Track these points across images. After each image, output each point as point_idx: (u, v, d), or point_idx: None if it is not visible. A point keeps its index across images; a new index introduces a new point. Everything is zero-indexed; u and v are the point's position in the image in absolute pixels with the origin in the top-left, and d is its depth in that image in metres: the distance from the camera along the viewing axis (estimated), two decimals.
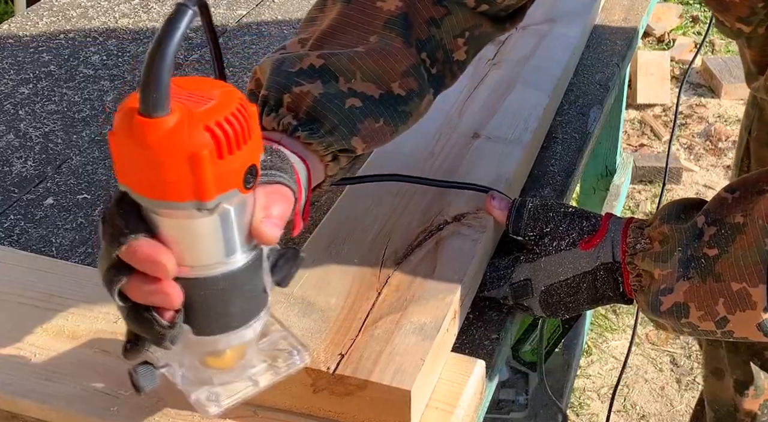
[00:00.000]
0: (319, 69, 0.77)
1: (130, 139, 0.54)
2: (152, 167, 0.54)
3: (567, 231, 0.85)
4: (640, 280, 0.82)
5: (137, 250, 0.58)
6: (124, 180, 0.57)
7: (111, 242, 0.59)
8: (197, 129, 0.54)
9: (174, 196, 0.56)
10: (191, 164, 0.54)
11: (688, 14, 3.74)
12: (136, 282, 0.59)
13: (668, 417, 2.13)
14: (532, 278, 0.86)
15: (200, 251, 0.59)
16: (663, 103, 3.19)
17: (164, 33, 0.54)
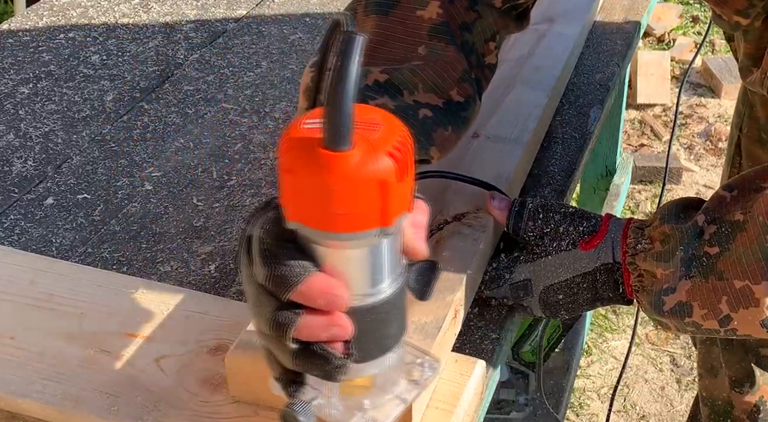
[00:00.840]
0: (384, 84, 0.77)
1: (317, 176, 0.53)
2: (342, 200, 0.54)
3: (567, 232, 0.85)
4: (642, 280, 0.82)
5: (313, 287, 0.57)
6: (299, 217, 0.56)
7: (280, 285, 0.57)
8: (382, 156, 0.54)
9: (362, 226, 0.56)
10: (380, 191, 0.54)
11: (688, 14, 3.74)
12: (308, 320, 0.58)
13: (668, 417, 2.13)
14: (532, 278, 0.86)
15: (369, 277, 0.59)
16: (663, 103, 3.20)
17: (342, 66, 0.53)
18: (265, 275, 0.58)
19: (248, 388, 0.74)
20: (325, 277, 0.58)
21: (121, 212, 1.06)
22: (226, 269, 0.97)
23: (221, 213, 1.06)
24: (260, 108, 1.27)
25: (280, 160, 0.55)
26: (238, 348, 0.73)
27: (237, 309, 0.85)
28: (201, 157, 1.16)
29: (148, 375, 0.78)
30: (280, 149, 0.56)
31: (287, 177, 0.55)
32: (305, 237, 0.57)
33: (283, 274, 0.57)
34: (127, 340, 0.81)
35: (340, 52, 0.53)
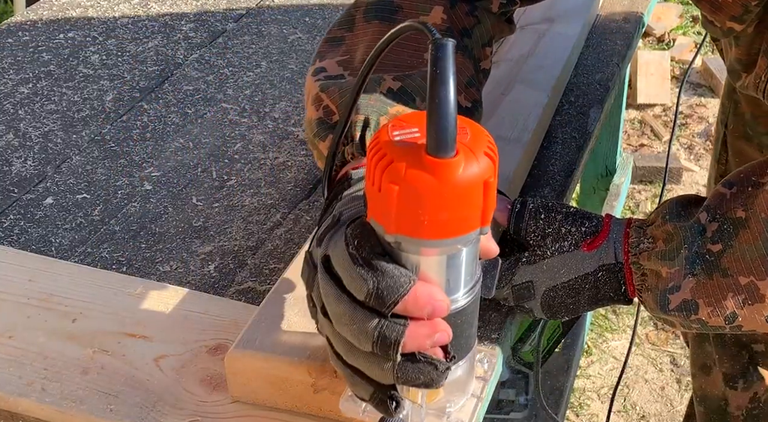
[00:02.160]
0: (398, 91, 0.77)
1: (428, 185, 0.53)
2: (454, 205, 0.54)
3: (569, 233, 0.84)
4: (645, 280, 0.81)
5: (419, 298, 0.57)
6: (402, 229, 0.55)
7: (386, 297, 0.56)
8: (482, 157, 0.55)
9: (467, 229, 0.56)
10: (484, 193, 0.55)
11: (688, 14, 3.74)
12: (414, 330, 0.57)
13: (668, 417, 2.13)
14: (534, 281, 0.85)
15: (463, 280, 0.60)
16: (663, 103, 3.20)
17: (441, 74, 0.53)
18: (367, 289, 0.56)
19: (248, 388, 0.74)
20: (425, 285, 0.57)
21: (120, 212, 1.06)
22: (225, 269, 0.97)
23: (221, 213, 1.06)
24: (260, 108, 1.27)
25: (378, 176, 0.55)
26: (237, 347, 0.73)
27: (236, 309, 0.85)
28: (200, 157, 1.16)
29: (147, 374, 0.78)
30: (375, 165, 0.55)
31: (391, 190, 0.54)
32: (403, 248, 0.57)
33: (388, 285, 0.56)
34: (126, 340, 0.82)
35: (436, 60, 0.53)
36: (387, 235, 0.56)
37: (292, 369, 0.71)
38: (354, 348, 0.59)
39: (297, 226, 1.03)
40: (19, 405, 0.77)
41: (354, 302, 0.58)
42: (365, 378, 0.60)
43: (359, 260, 0.57)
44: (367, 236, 0.58)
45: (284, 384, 0.72)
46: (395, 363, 0.58)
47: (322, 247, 0.61)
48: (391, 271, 0.57)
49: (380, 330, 0.57)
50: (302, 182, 1.11)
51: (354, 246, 0.58)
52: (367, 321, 0.57)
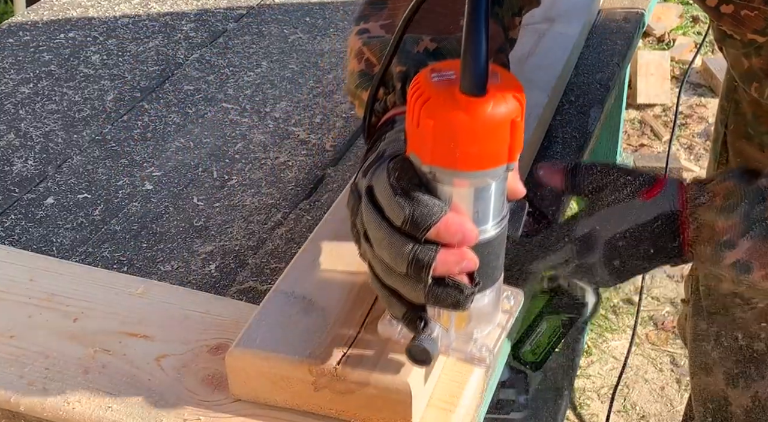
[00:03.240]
0: (433, 52, 0.81)
1: (461, 120, 0.59)
2: (483, 140, 0.60)
3: (626, 182, 0.85)
4: (700, 232, 0.82)
5: (450, 226, 0.63)
6: (436, 160, 0.62)
7: (420, 224, 0.62)
8: (510, 98, 0.61)
9: (495, 163, 0.62)
10: (510, 130, 0.61)
11: (688, 14, 3.74)
12: (444, 255, 0.63)
13: (668, 417, 2.13)
14: (594, 232, 0.85)
15: (491, 213, 0.66)
16: (663, 103, 3.20)
17: (475, 19, 0.58)
18: (404, 216, 0.63)
19: (248, 387, 0.74)
20: (455, 215, 0.63)
21: (121, 212, 1.06)
22: (226, 269, 0.97)
23: (222, 213, 1.06)
24: (260, 108, 1.27)
25: (417, 112, 0.61)
26: (238, 346, 0.73)
27: (237, 308, 0.85)
28: (201, 157, 1.16)
29: (149, 374, 0.78)
30: (414, 102, 0.61)
31: (428, 125, 0.60)
32: (438, 179, 0.63)
33: (423, 213, 0.62)
34: (127, 339, 0.82)
35: (473, 8, 0.58)
36: (423, 166, 0.63)
37: (293, 367, 0.71)
38: (391, 270, 0.65)
39: (298, 226, 1.03)
40: (20, 404, 0.77)
41: (392, 228, 0.64)
42: (400, 299, 0.66)
43: (398, 190, 0.63)
44: (407, 169, 0.64)
45: (285, 382, 0.72)
46: (426, 285, 0.64)
47: (367, 179, 0.68)
48: (426, 201, 0.63)
49: (414, 254, 0.63)
50: (303, 182, 1.12)
51: (394, 178, 0.64)
52: (403, 245, 0.63)
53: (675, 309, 2.37)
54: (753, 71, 1.09)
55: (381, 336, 0.71)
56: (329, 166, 1.14)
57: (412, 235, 0.63)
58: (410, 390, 0.69)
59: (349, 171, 1.12)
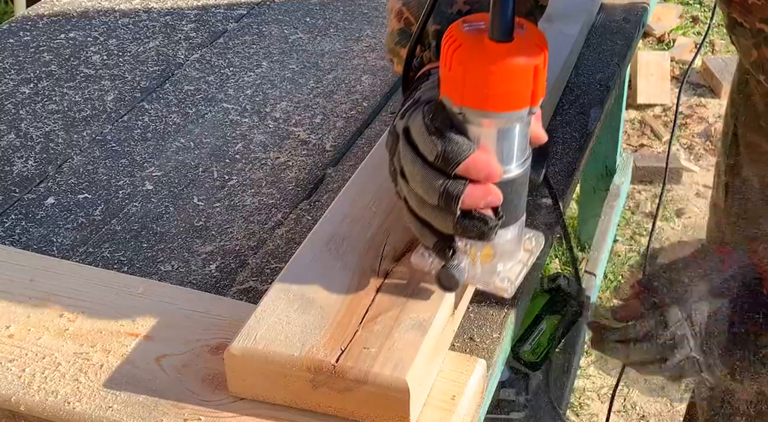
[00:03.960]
0: (465, 13, 0.84)
1: (488, 64, 0.66)
2: (508, 83, 0.67)
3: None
4: None
5: (477, 163, 0.70)
6: (466, 102, 0.69)
7: (450, 160, 0.69)
8: (534, 46, 0.67)
9: (519, 105, 0.68)
10: (534, 76, 0.67)
11: (688, 14, 3.74)
12: (471, 190, 0.70)
13: (668, 417, 2.13)
14: None
15: (515, 153, 0.72)
16: (663, 103, 3.20)
17: None
18: (436, 152, 0.70)
19: (247, 384, 0.74)
20: (483, 154, 0.70)
21: (121, 212, 1.06)
22: (227, 269, 0.97)
23: (222, 213, 1.06)
24: (261, 108, 1.27)
25: (449, 57, 0.67)
26: (237, 344, 0.73)
27: (238, 308, 0.85)
28: (202, 157, 1.16)
29: (149, 374, 0.78)
30: (447, 49, 0.68)
31: (460, 68, 0.67)
32: (467, 119, 0.70)
33: (453, 150, 0.69)
34: (127, 339, 0.82)
35: None
36: (454, 107, 0.69)
37: (291, 365, 0.71)
38: (424, 203, 0.73)
39: (298, 226, 1.03)
40: (20, 404, 0.77)
41: (426, 163, 0.71)
42: (431, 230, 0.74)
43: (432, 129, 0.70)
44: (440, 111, 0.71)
45: (283, 380, 0.72)
46: (455, 216, 0.71)
47: (404, 121, 0.74)
48: (457, 139, 0.70)
49: (445, 187, 0.70)
50: (303, 182, 1.12)
51: (429, 119, 0.71)
52: (436, 179, 0.70)
53: None
54: (762, 62, 1.09)
55: (414, 268, 0.79)
56: (329, 166, 1.14)
57: (444, 170, 0.70)
58: (408, 388, 0.69)
59: (349, 171, 1.12)
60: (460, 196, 0.70)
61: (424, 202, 0.73)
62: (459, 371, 0.78)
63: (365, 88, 1.31)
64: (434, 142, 0.70)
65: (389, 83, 1.33)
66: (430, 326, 0.74)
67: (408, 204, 0.75)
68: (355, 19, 1.52)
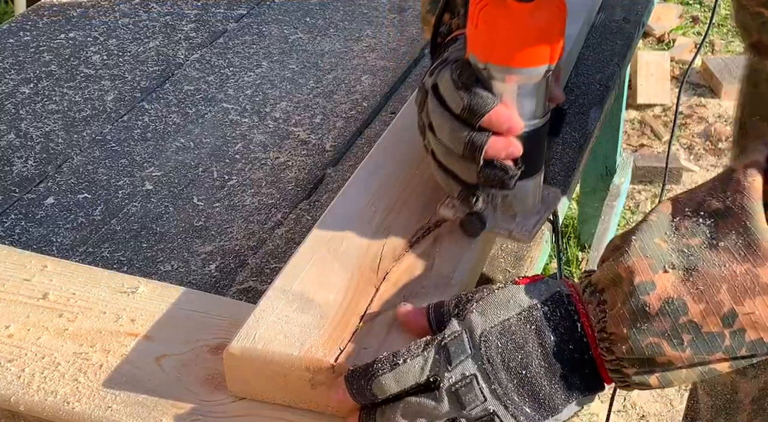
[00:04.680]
0: None
1: (512, 23, 0.72)
2: (529, 41, 0.73)
3: None
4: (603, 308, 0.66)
5: (500, 116, 0.75)
6: (490, 58, 0.75)
7: (475, 112, 0.75)
8: (554, 7, 0.73)
9: (539, 62, 0.75)
10: (554, 35, 0.74)
11: (688, 14, 3.74)
12: (493, 141, 0.75)
13: (668, 417, 2.13)
14: None
15: (534, 109, 0.78)
16: (663, 103, 3.20)
17: None
18: (463, 105, 0.75)
19: (246, 384, 0.74)
20: (504, 108, 0.75)
21: (121, 212, 1.06)
22: (226, 269, 0.97)
23: (222, 213, 1.06)
24: (260, 108, 1.27)
25: (476, 15, 0.73)
26: (236, 343, 0.73)
27: (237, 308, 0.85)
28: (201, 157, 1.16)
29: (149, 374, 0.78)
30: (474, 8, 0.74)
31: (485, 26, 0.73)
32: (491, 75, 0.75)
33: (478, 103, 0.74)
34: (127, 339, 0.82)
35: None
36: (480, 63, 0.75)
37: (290, 364, 0.71)
38: (450, 153, 0.78)
39: (298, 226, 1.04)
40: (20, 404, 0.77)
41: (453, 116, 0.76)
42: (456, 180, 0.79)
43: (459, 84, 0.76)
44: (466, 68, 0.76)
45: (282, 379, 0.72)
46: (479, 166, 0.76)
47: (432, 78, 0.79)
48: (481, 93, 0.75)
49: (470, 138, 0.75)
50: (303, 182, 1.12)
51: (456, 75, 0.76)
52: (461, 131, 0.75)
53: None
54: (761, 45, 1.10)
55: (441, 217, 0.84)
56: (329, 166, 1.14)
57: (469, 122, 0.75)
58: None
59: (349, 171, 1.12)
60: (484, 146, 0.75)
61: (450, 152, 0.77)
62: None
63: (365, 88, 1.31)
64: (461, 95, 0.75)
65: (389, 83, 1.33)
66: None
67: (435, 156, 0.80)
68: (355, 19, 1.52)
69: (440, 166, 0.80)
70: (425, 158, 0.85)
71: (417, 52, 1.41)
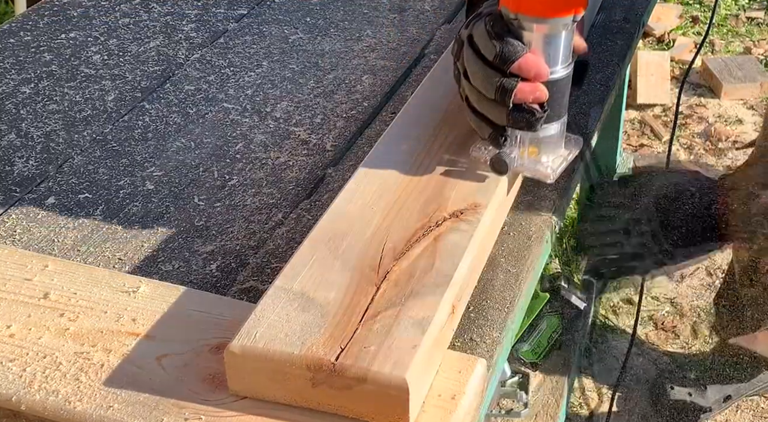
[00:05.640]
0: None
1: None
2: None
3: None
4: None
5: (529, 62, 0.84)
6: (521, 8, 0.84)
7: (506, 59, 0.84)
8: None
9: (564, 12, 0.84)
10: None
11: (688, 14, 3.74)
12: (522, 86, 0.84)
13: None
14: None
15: (559, 57, 0.87)
16: (663, 103, 3.20)
17: None
18: (495, 53, 0.84)
19: (247, 382, 0.74)
20: (533, 56, 0.85)
21: (122, 211, 1.06)
22: (227, 268, 0.98)
23: (222, 213, 1.06)
24: (261, 108, 1.27)
25: None
26: (237, 342, 0.73)
27: (238, 308, 0.85)
28: (202, 157, 1.16)
29: (150, 373, 0.78)
30: None
31: None
32: (521, 26, 0.84)
33: (509, 51, 0.84)
34: (128, 339, 0.82)
35: None
36: (511, 14, 0.84)
37: (291, 363, 0.72)
38: (483, 98, 0.87)
39: (299, 226, 1.04)
40: (21, 404, 0.77)
41: (486, 63, 0.85)
42: (488, 122, 0.89)
43: (492, 34, 0.85)
44: (499, 20, 0.85)
45: (283, 378, 0.72)
46: (508, 108, 0.85)
47: (468, 29, 0.89)
48: (512, 42, 0.84)
49: (501, 82, 0.84)
50: (304, 182, 1.12)
51: (490, 26, 0.85)
52: (494, 77, 0.85)
53: (675, 309, 2.37)
54: None
55: (472, 159, 0.93)
56: (330, 166, 1.15)
57: (500, 69, 0.84)
58: (408, 387, 0.70)
59: (350, 171, 1.12)
60: (513, 90, 0.84)
61: (483, 97, 0.87)
62: (459, 370, 0.78)
63: (365, 88, 1.31)
64: (494, 44, 0.84)
65: (389, 83, 1.33)
66: (430, 324, 0.74)
67: (469, 101, 0.90)
68: (355, 19, 1.52)
69: (473, 111, 0.90)
70: (425, 158, 0.87)
71: (417, 52, 1.41)
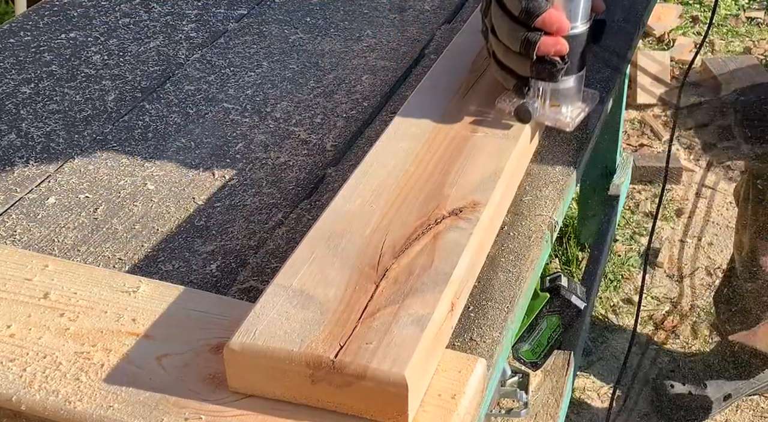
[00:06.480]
0: None
1: None
2: None
3: None
4: None
5: (552, 17, 0.91)
6: None
7: (529, 15, 0.91)
8: None
9: None
10: None
11: (688, 14, 3.74)
12: (545, 39, 0.92)
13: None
14: None
15: (580, 13, 0.95)
16: (663, 103, 3.20)
17: None
18: (520, 8, 0.91)
19: (247, 380, 0.74)
20: (555, 12, 0.92)
21: (122, 211, 1.06)
22: (227, 268, 0.98)
23: (222, 213, 1.06)
24: (261, 108, 1.27)
25: None
26: (236, 339, 0.73)
27: (238, 307, 0.85)
28: (202, 157, 1.17)
29: (150, 373, 0.78)
30: None
31: None
32: None
33: (533, 6, 0.91)
34: (128, 339, 0.82)
35: None
36: None
37: (290, 360, 0.72)
38: (508, 51, 0.95)
39: (299, 226, 1.04)
40: (21, 403, 0.77)
41: (512, 18, 0.93)
42: (513, 74, 0.97)
43: None
44: None
45: (282, 375, 0.73)
46: (532, 60, 0.93)
47: None
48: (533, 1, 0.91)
49: (525, 36, 0.92)
50: (304, 182, 1.12)
51: None
52: (519, 31, 0.93)
53: (675, 309, 2.37)
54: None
55: (498, 111, 1.01)
56: (330, 166, 1.15)
57: (525, 23, 0.91)
58: (407, 384, 0.70)
59: (350, 171, 1.12)
60: (537, 43, 0.91)
61: (508, 50, 0.94)
62: (459, 370, 0.78)
63: (365, 88, 1.32)
64: (519, 0, 0.91)
65: (389, 83, 1.33)
66: (429, 322, 0.75)
67: (495, 56, 0.98)
68: (355, 19, 1.52)
69: (499, 64, 0.98)
70: (425, 156, 0.86)
71: (417, 52, 1.41)
